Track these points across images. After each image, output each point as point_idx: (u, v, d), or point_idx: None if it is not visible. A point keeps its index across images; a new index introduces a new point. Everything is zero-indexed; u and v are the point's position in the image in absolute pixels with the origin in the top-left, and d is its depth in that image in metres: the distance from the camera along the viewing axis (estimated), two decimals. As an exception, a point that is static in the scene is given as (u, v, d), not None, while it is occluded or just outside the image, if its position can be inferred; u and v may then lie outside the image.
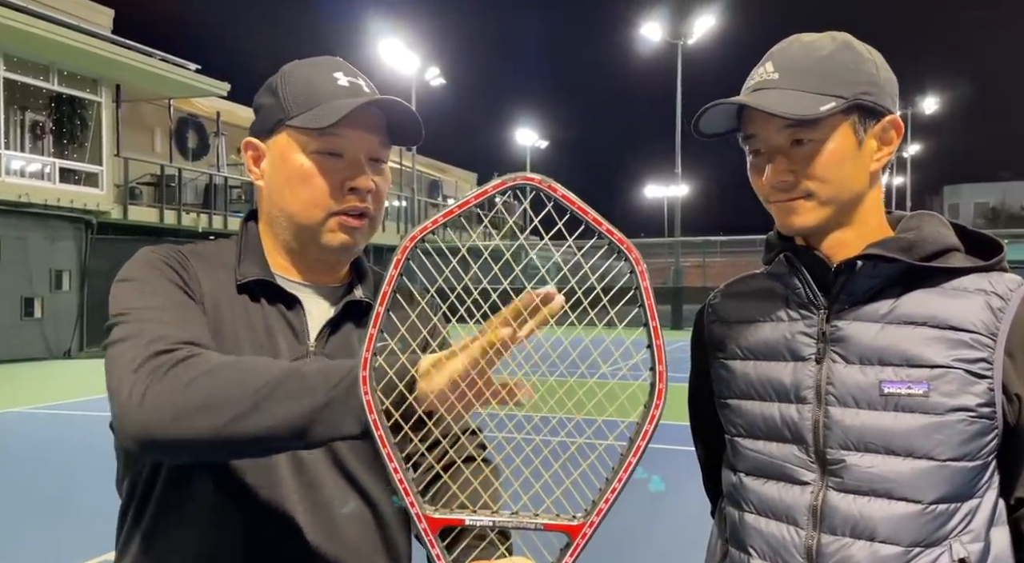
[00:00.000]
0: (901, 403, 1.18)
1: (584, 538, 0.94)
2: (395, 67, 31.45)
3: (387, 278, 0.90)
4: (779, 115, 1.17)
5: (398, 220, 32.42)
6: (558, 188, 0.88)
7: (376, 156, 1.27)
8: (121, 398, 1.00)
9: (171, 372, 0.99)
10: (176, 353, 1.02)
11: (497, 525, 0.95)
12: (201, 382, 0.97)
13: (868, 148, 1.23)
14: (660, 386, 0.91)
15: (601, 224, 0.88)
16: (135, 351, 1.03)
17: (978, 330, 1.17)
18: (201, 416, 0.96)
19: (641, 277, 0.90)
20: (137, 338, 1.05)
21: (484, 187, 0.89)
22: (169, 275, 1.19)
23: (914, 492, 1.17)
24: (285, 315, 1.26)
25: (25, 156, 18.23)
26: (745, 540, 1.31)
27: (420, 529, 0.95)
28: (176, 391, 0.97)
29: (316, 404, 0.94)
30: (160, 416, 0.97)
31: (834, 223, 1.24)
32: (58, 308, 17.99)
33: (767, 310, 1.33)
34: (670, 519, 5.41)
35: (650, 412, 0.92)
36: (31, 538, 5.18)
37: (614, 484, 0.94)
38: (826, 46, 1.22)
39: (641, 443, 0.93)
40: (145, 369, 1.00)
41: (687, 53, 35.56)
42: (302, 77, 1.26)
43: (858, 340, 1.22)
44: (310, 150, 1.23)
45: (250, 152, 1.30)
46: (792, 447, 1.25)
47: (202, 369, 0.99)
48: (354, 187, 1.24)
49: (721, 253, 32.45)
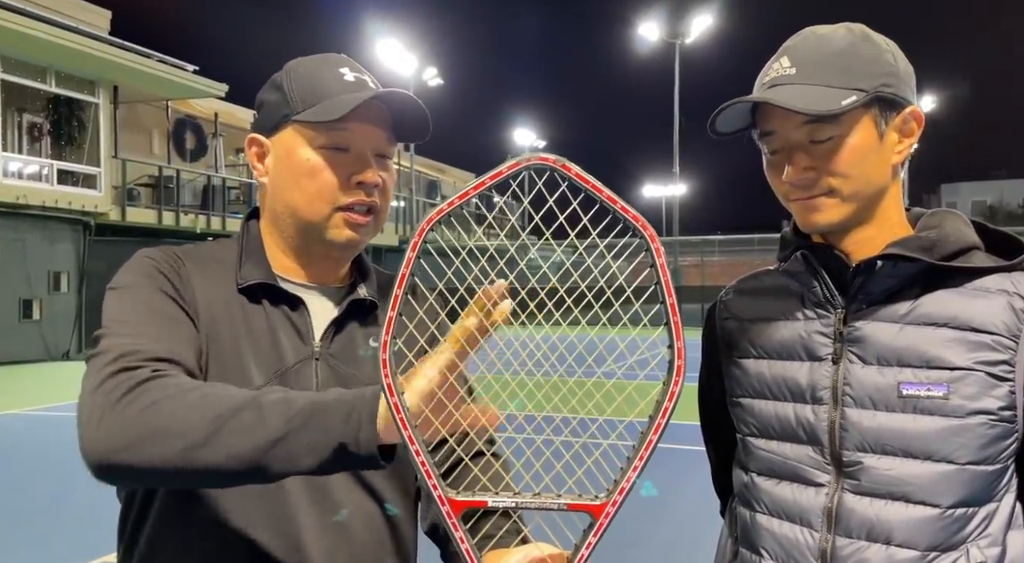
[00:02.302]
0: (920, 405, 1.16)
1: (608, 517, 0.94)
2: (393, 68, 31.46)
3: (405, 261, 0.90)
4: (800, 111, 1.14)
5: (396, 221, 32.40)
6: (572, 167, 0.87)
7: (382, 152, 1.26)
8: (80, 421, 0.98)
9: (128, 396, 0.97)
10: (138, 372, 1.00)
11: (520, 506, 0.94)
12: (158, 408, 0.95)
13: (889, 141, 1.20)
14: (679, 363, 0.91)
15: (616, 202, 0.88)
16: (100, 371, 1.01)
17: (1000, 332, 1.15)
18: (154, 445, 0.94)
19: (657, 254, 0.90)
20: (106, 354, 1.04)
21: (498, 168, 0.88)
22: (159, 283, 1.17)
23: (932, 496, 1.15)
24: (289, 316, 1.25)
25: (23, 158, 18.21)
26: (757, 541, 1.30)
27: (443, 512, 0.94)
28: (130, 418, 0.95)
29: (271, 437, 0.92)
30: (114, 443, 0.95)
31: (856, 220, 1.22)
32: (56, 310, 17.97)
33: (782, 308, 1.30)
34: (672, 517, 5.41)
35: (669, 389, 0.92)
36: (30, 540, 5.17)
37: (635, 462, 0.93)
38: (843, 38, 1.19)
39: (661, 421, 0.92)
40: (103, 390, 0.98)
41: (685, 52, 35.63)
42: (307, 73, 1.25)
43: (876, 340, 1.20)
44: (317, 145, 1.22)
45: (254, 149, 1.29)
46: (807, 448, 1.24)
47: (160, 394, 0.97)
48: (361, 181, 1.23)
49: (719, 252, 32.45)
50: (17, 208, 17.02)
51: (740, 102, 1.19)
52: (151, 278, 1.18)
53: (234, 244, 1.30)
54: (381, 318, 1.30)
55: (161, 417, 0.94)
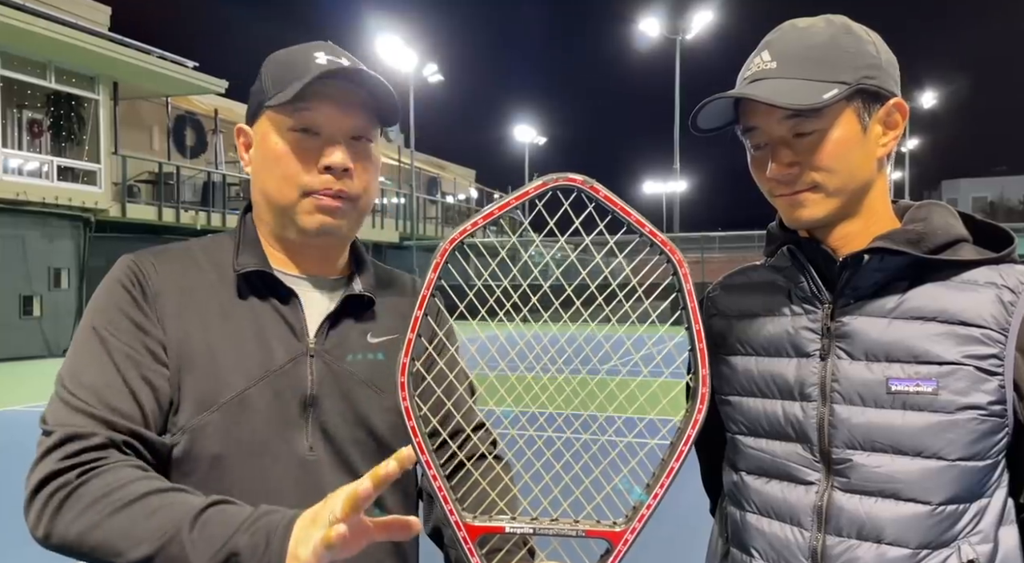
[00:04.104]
0: (909, 401, 1.14)
1: (626, 544, 0.94)
2: (393, 64, 31.37)
3: (426, 282, 0.89)
4: (781, 106, 1.13)
5: (397, 217, 32.35)
6: (600, 189, 0.87)
7: (357, 134, 1.23)
8: (26, 512, 1.08)
9: (68, 503, 1.04)
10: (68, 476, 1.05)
11: (538, 532, 0.94)
12: (92, 522, 1.02)
13: (873, 134, 1.19)
14: (703, 390, 0.91)
15: (644, 226, 0.87)
16: (45, 459, 1.08)
17: (989, 325, 1.13)
18: (91, 555, 1.03)
19: (684, 279, 0.89)
20: (53, 434, 1.09)
21: (525, 188, 0.88)
22: (128, 312, 1.17)
23: (923, 493, 1.14)
24: (281, 311, 1.23)
25: (23, 154, 18.18)
26: (747, 541, 1.28)
27: (460, 537, 0.94)
28: (73, 532, 1.03)
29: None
30: (56, 546, 1.06)
31: (842, 214, 1.20)
32: (57, 306, 17.95)
33: (769, 304, 1.29)
34: (666, 516, 5.39)
35: (692, 417, 0.92)
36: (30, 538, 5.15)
37: (656, 489, 0.93)
38: (824, 30, 1.17)
39: (684, 448, 0.92)
40: (44, 494, 1.06)
41: (685, 48, 35.54)
42: (283, 59, 1.25)
43: (864, 336, 1.18)
44: (285, 128, 1.21)
45: (241, 139, 1.29)
46: (796, 446, 1.22)
47: (96, 505, 1.02)
48: (328, 165, 1.20)
49: (719, 248, 32.44)
50: (17, 205, 16.99)
51: (721, 98, 1.17)
52: (120, 307, 1.18)
53: (229, 238, 1.29)
54: (378, 313, 1.31)
55: (100, 532, 1.01)
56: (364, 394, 1.24)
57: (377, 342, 1.28)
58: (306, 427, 1.20)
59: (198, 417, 1.15)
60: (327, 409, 1.21)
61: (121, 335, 1.16)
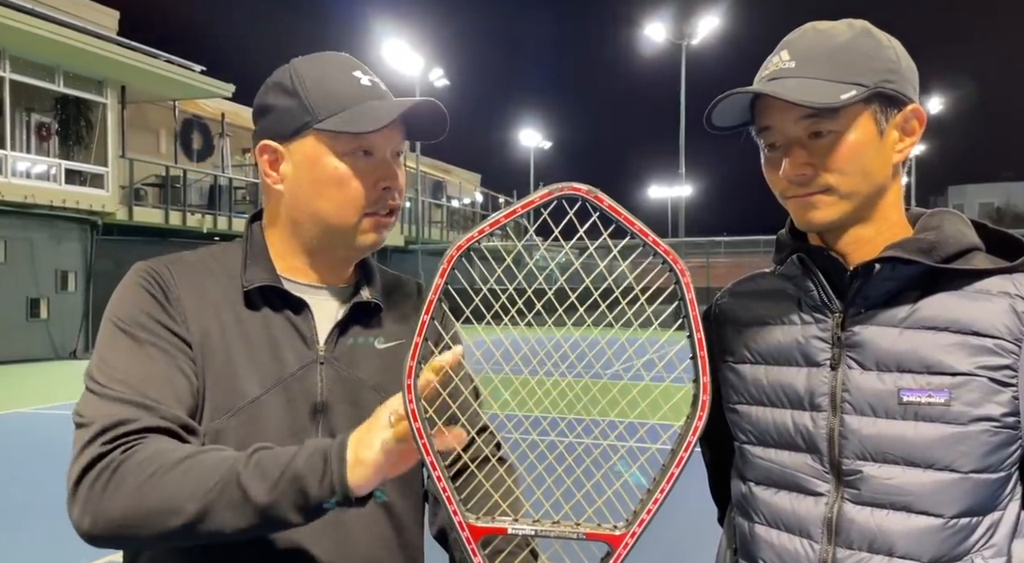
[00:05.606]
0: (921, 412, 1.13)
1: (626, 548, 0.95)
2: (399, 68, 31.43)
3: (433, 287, 0.90)
4: (798, 104, 1.11)
5: (402, 221, 32.39)
6: (604, 199, 0.88)
7: (399, 150, 1.28)
8: (71, 499, 1.05)
9: (113, 481, 1.03)
10: (119, 454, 1.04)
11: (539, 534, 0.95)
12: (143, 492, 1.01)
13: (890, 139, 1.17)
14: (704, 397, 0.92)
15: (647, 235, 0.88)
16: (84, 450, 1.06)
17: (1002, 335, 1.11)
18: (153, 524, 1.01)
19: (686, 289, 0.90)
20: (89, 427, 1.08)
21: (530, 197, 0.89)
22: (152, 312, 1.17)
23: (935, 505, 1.12)
24: (292, 321, 1.24)
25: (31, 157, 18.27)
26: (755, 552, 1.26)
27: (463, 538, 0.95)
28: (113, 509, 1.02)
29: (259, 508, 0.99)
30: (105, 531, 1.03)
31: (854, 219, 1.19)
32: (63, 309, 18.02)
33: (778, 312, 1.27)
34: (674, 522, 5.39)
35: (693, 423, 0.92)
36: (37, 538, 5.16)
37: (656, 494, 0.94)
38: (844, 33, 1.16)
39: (684, 454, 0.93)
40: (88, 480, 1.04)
41: (691, 54, 35.52)
42: (321, 77, 1.23)
43: (875, 345, 1.17)
44: (341, 152, 1.21)
45: (266, 156, 1.26)
46: (806, 456, 1.20)
47: (142, 475, 1.02)
48: (388, 186, 1.24)
49: (725, 254, 32.40)
50: (25, 207, 17.07)
51: (737, 93, 1.15)
52: (142, 307, 1.18)
53: (238, 248, 1.30)
54: (385, 320, 1.32)
55: (152, 498, 1.01)
56: (373, 400, 1.25)
57: (385, 348, 1.29)
58: (316, 433, 1.21)
59: (216, 421, 1.17)
60: (337, 415, 1.23)
61: (149, 332, 1.16)
